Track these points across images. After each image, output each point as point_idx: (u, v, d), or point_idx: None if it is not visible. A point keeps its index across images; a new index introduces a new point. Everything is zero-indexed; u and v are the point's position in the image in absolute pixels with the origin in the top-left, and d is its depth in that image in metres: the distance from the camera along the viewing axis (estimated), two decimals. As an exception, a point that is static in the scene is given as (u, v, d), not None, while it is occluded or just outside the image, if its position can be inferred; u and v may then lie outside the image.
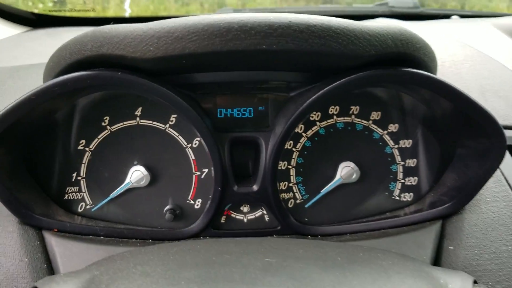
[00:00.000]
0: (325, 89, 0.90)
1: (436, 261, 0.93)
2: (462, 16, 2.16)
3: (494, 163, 0.92)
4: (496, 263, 0.90)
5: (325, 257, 0.70)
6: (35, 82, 0.99)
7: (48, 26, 1.97)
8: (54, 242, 0.94)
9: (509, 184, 0.99)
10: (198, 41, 0.78)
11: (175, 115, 1.03)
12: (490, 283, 0.88)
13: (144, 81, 0.87)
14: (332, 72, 0.93)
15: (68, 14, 2.01)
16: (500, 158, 0.91)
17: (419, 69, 0.89)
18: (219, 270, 0.63)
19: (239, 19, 0.78)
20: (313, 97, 0.91)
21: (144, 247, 0.75)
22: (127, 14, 2.40)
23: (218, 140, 1.00)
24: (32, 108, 0.86)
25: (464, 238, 0.94)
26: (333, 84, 0.89)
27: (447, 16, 2.17)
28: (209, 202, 1.02)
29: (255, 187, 1.01)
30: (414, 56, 0.88)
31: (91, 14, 2.09)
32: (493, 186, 0.99)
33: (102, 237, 0.98)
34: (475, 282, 0.69)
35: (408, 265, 0.70)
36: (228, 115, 1.05)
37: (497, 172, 1.01)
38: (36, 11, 2.11)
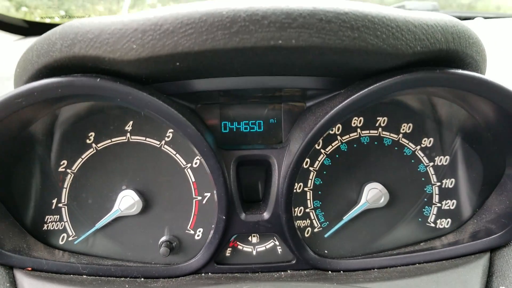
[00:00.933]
0: (353, 96, 0.74)
1: None
2: (486, 18, 2.01)
3: None
4: (562, 308, 0.74)
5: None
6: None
7: (40, 34, 1.83)
8: (27, 285, 0.80)
9: None
10: (195, 35, 0.62)
11: (172, 130, 0.88)
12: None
13: (130, 89, 0.72)
14: (359, 77, 0.78)
15: (61, 21, 1.88)
16: None
17: (468, 70, 0.73)
18: None
19: (248, 6, 0.62)
20: (338, 107, 0.75)
21: None
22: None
23: (222, 160, 0.85)
24: None
25: None
26: (364, 91, 0.74)
27: (470, 18, 2.02)
28: (212, 232, 0.88)
29: (266, 215, 0.87)
30: (466, 54, 0.73)
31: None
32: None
33: (85, 276, 0.83)
34: None
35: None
36: (234, 130, 0.92)
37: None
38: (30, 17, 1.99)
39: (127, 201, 0.89)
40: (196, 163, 0.90)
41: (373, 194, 0.91)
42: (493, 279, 0.80)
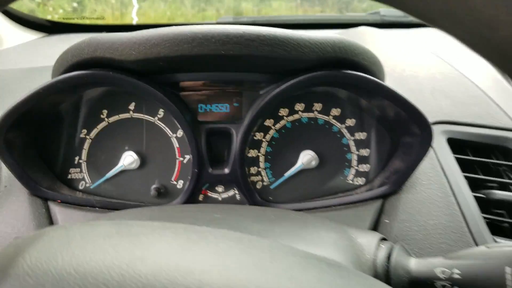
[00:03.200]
0: (277, 90, 1.10)
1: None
2: None
3: (422, 152, 1.09)
4: (423, 233, 1.06)
5: (262, 213, 0.89)
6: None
7: (61, 32, 2.16)
8: (57, 210, 1.12)
9: (443, 170, 1.15)
10: (170, 46, 0.97)
11: (163, 110, 1.22)
12: (416, 250, 1.05)
13: (131, 79, 1.06)
14: (291, 73, 1.12)
15: (79, 21, 2.23)
16: (427, 148, 1.08)
17: (360, 72, 1.07)
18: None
19: (204, 30, 0.97)
20: (268, 97, 1.11)
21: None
22: (134, 22, 2.61)
23: (197, 131, 1.18)
24: (40, 100, 1.05)
25: (398, 214, 1.09)
26: (284, 85, 1.09)
27: None
28: (188, 182, 1.21)
29: (226, 170, 1.20)
30: (353, 60, 1.05)
31: (100, 22, 2.30)
32: (429, 171, 1.15)
33: (97, 209, 1.17)
34: (383, 239, 0.87)
35: (327, 223, 0.87)
36: (208, 110, 1.22)
37: (434, 160, 1.17)
38: (53, 18, 2.31)
39: (129, 159, 1.20)
40: (179, 134, 1.23)
41: (307, 158, 1.22)
42: (381, 215, 1.11)
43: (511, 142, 1.22)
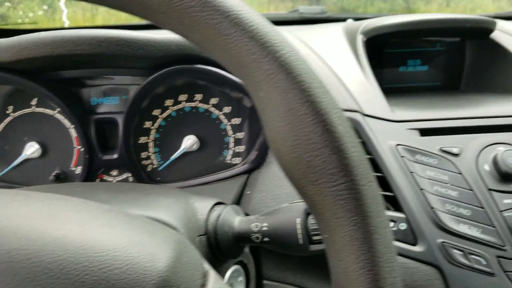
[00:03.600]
0: (144, 83, 1.27)
1: (237, 202, 1.28)
2: (357, 19, 2.45)
3: None
4: (277, 201, 1.24)
5: (120, 186, 1.06)
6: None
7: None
8: None
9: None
10: (36, 49, 1.14)
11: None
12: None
13: (20, 79, 1.23)
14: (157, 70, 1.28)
15: (12, 27, 2.37)
16: None
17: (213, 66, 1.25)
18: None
19: (62, 34, 1.14)
20: (136, 92, 1.28)
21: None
22: (66, 25, 2.75)
23: (87, 122, 1.35)
24: None
25: (257, 185, 1.26)
26: (148, 79, 1.27)
27: (345, 20, 2.46)
28: (83, 167, 1.38)
29: (115, 155, 1.37)
30: (201, 56, 1.24)
31: (33, 27, 2.44)
32: (287, 149, 1.34)
33: (2, 192, 1.34)
34: (220, 203, 1.05)
35: (172, 192, 1.05)
36: (100, 103, 1.39)
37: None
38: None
39: (31, 149, 1.36)
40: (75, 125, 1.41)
41: (189, 142, 1.38)
42: (245, 187, 1.30)
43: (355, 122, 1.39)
